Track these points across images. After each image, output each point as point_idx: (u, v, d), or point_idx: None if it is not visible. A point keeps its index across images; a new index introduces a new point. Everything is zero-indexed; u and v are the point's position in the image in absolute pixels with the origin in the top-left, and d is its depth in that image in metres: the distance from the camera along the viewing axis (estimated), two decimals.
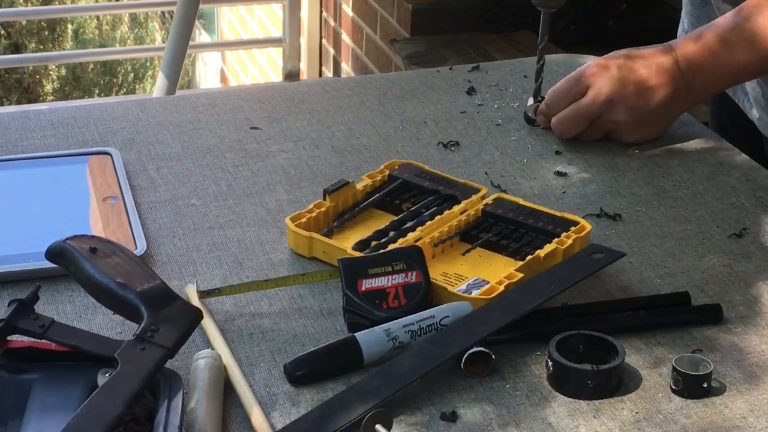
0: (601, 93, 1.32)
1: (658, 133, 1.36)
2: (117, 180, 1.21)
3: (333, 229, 1.14)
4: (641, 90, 1.32)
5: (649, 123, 1.34)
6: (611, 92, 1.32)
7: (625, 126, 1.33)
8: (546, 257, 1.08)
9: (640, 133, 1.34)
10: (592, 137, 1.36)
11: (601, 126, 1.34)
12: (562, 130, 1.35)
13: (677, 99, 1.33)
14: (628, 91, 1.32)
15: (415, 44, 3.15)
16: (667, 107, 1.33)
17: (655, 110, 1.33)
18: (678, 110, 1.36)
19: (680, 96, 1.33)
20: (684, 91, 1.32)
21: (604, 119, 1.33)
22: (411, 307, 1.01)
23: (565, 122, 1.35)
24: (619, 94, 1.32)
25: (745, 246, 1.16)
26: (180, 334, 0.89)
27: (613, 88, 1.32)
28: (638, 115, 1.33)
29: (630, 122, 1.33)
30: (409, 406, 0.93)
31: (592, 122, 1.34)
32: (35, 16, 5.60)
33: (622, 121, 1.33)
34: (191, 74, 5.94)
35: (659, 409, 0.94)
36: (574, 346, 0.97)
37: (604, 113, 1.33)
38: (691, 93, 1.33)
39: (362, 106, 1.42)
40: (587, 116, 1.33)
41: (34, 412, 0.85)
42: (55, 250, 0.97)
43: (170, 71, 3.12)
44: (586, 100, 1.33)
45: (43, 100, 5.74)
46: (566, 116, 1.35)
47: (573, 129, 1.35)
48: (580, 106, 1.33)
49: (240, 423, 0.91)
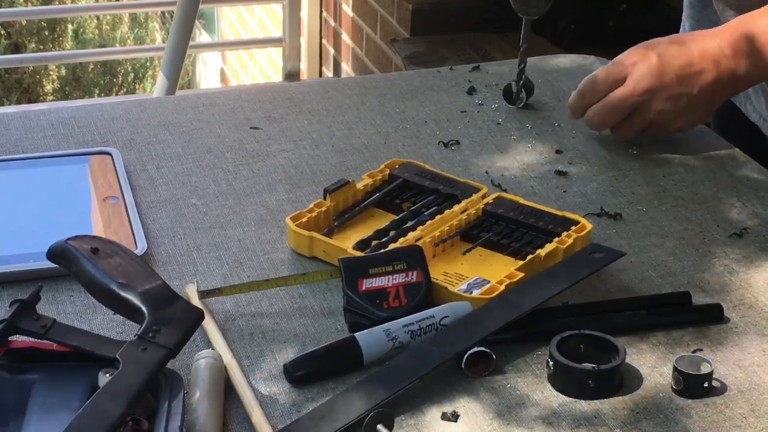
0: (641, 83, 1.28)
1: (702, 120, 1.33)
2: (117, 180, 1.21)
3: (333, 229, 1.14)
4: (682, 76, 1.28)
5: (692, 110, 1.30)
6: (651, 82, 1.28)
7: (668, 115, 1.30)
8: (546, 257, 1.08)
9: (683, 120, 1.31)
10: (632, 131, 1.32)
11: (644, 117, 1.30)
12: (597, 121, 1.32)
13: (721, 85, 1.29)
14: (668, 80, 1.28)
15: (415, 44, 3.15)
16: (711, 93, 1.29)
17: (698, 96, 1.29)
18: (721, 97, 1.31)
19: (724, 82, 1.29)
20: (728, 77, 1.28)
21: (644, 109, 1.29)
22: (412, 307, 1.01)
23: (601, 113, 1.31)
24: (660, 83, 1.28)
25: (746, 246, 1.16)
26: (181, 335, 0.89)
27: (653, 77, 1.28)
28: (681, 103, 1.29)
29: (673, 111, 1.29)
30: (410, 406, 0.93)
31: (633, 114, 1.30)
32: (35, 16, 5.60)
33: (664, 111, 1.29)
34: (191, 74, 5.94)
35: (660, 409, 0.94)
36: (574, 346, 0.97)
37: (645, 103, 1.29)
38: (736, 79, 1.29)
39: (362, 106, 1.42)
40: (626, 107, 1.29)
41: (35, 413, 0.85)
42: (56, 250, 0.97)
43: (170, 71, 3.12)
44: (625, 90, 1.29)
45: (43, 100, 5.74)
46: (603, 106, 1.30)
47: (609, 120, 1.31)
48: (617, 96, 1.29)
49: (240, 423, 0.91)
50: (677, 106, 1.29)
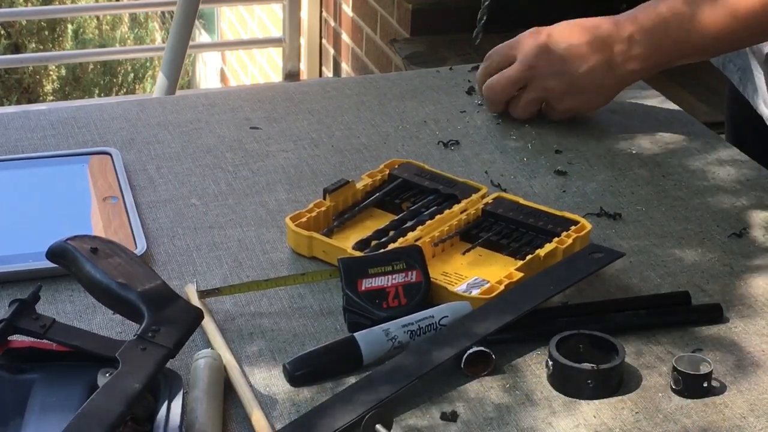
0: (526, 58, 1.31)
1: (594, 104, 1.34)
2: (117, 180, 1.21)
3: (333, 229, 1.14)
4: (568, 55, 1.30)
5: (580, 90, 1.32)
6: (536, 58, 1.31)
7: (554, 92, 1.32)
8: (546, 256, 1.08)
9: (571, 101, 1.33)
10: (524, 111, 1.35)
11: (531, 95, 1.33)
12: (489, 96, 1.36)
13: (610, 67, 1.30)
14: (554, 58, 1.30)
15: (415, 44, 3.15)
16: (599, 75, 1.30)
17: (584, 76, 1.30)
18: (611, 81, 1.31)
19: (614, 64, 1.29)
20: (619, 60, 1.29)
21: (532, 86, 1.33)
22: (411, 307, 1.01)
23: (491, 87, 1.35)
24: (545, 60, 1.31)
25: (746, 246, 1.16)
26: (181, 335, 0.89)
27: (538, 54, 1.31)
28: (565, 80, 1.31)
29: (558, 89, 1.32)
30: (409, 406, 0.93)
31: (520, 93, 1.33)
32: (35, 16, 5.60)
33: (549, 88, 1.32)
34: (191, 74, 5.94)
35: (659, 409, 0.94)
36: (574, 346, 0.97)
37: (531, 80, 1.32)
38: (627, 61, 1.29)
39: (362, 106, 1.42)
40: (512, 82, 1.33)
41: (35, 413, 0.85)
42: (56, 250, 0.97)
43: (170, 71, 3.12)
44: (515, 65, 1.33)
45: (43, 100, 5.75)
46: (492, 82, 1.35)
47: (499, 95, 1.35)
48: (505, 72, 1.33)
49: (240, 423, 0.91)
50: (562, 83, 1.32)
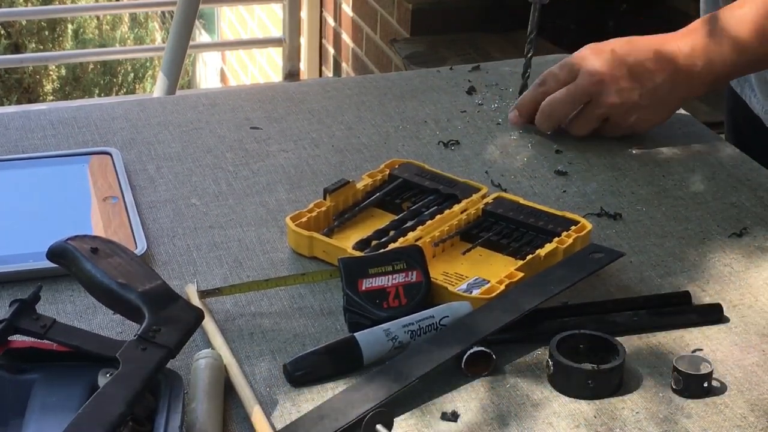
0: (593, 74, 1.29)
1: (657, 122, 1.33)
2: (117, 180, 1.21)
3: (333, 229, 1.14)
4: (636, 72, 1.29)
5: (645, 107, 1.30)
6: (603, 72, 1.29)
7: (620, 108, 1.30)
8: (546, 256, 1.08)
9: (637, 116, 1.31)
10: (585, 127, 1.33)
11: (594, 112, 1.31)
12: (551, 113, 1.32)
13: (675, 83, 1.29)
14: (620, 73, 1.29)
15: (415, 44, 3.15)
16: (665, 90, 1.30)
17: (651, 92, 1.30)
18: (677, 95, 1.31)
19: (679, 80, 1.29)
20: (684, 75, 1.29)
21: (596, 102, 1.30)
22: (411, 307, 1.01)
23: (553, 104, 1.31)
24: (611, 75, 1.29)
25: (746, 246, 1.16)
26: (181, 335, 0.89)
27: (605, 68, 1.29)
28: (633, 97, 1.29)
29: (624, 105, 1.30)
30: (410, 406, 0.93)
31: (585, 107, 1.31)
32: (35, 16, 5.61)
33: (615, 105, 1.30)
34: (191, 74, 5.94)
35: (660, 409, 0.94)
36: (574, 346, 0.97)
37: (596, 96, 1.30)
38: (691, 76, 1.29)
39: (362, 106, 1.42)
40: (579, 97, 1.30)
41: (35, 413, 0.85)
42: (56, 250, 0.97)
43: (170, 71, 3.12)
44: (579, 81, 1.30)
45: (43, 100, 5.75)
46: (556, 98, 1.31)
47: (562, 112, 1.32)
48: (570, 87, 1.30)
49: (240, 423, 0.91)
50: (629, 99, 1.30)
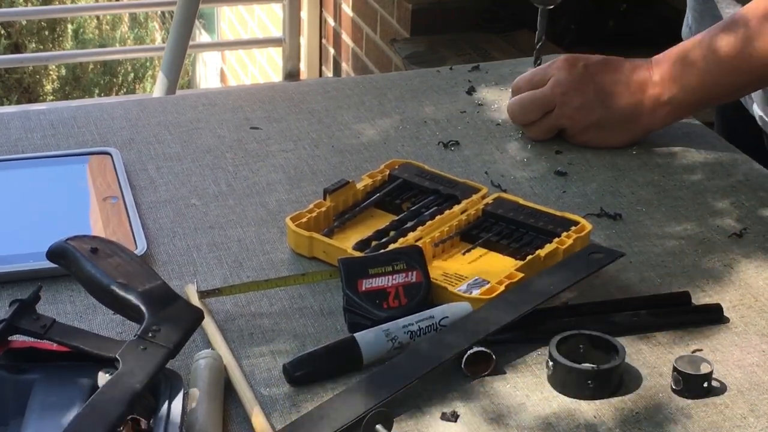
0: (560, 84, 1.31)
1: (613, 144, 1.33)
2: (117, 180, 1.21)
3: (333, 229, 1.14)
4: (601, 92, 1.30)
5: (605, 127, 1.31)
6: (569, 85, 1.30)
7: (578, 124, 1.31)
8: (546, 257, 1.08)
9: (593, 135, 1.32)
10: (542, 134, 1.34)
11: (553, 121, 1.32)
12: (513, 112, 1.34)
13: (640, 111, 1.30)
14: (587, 90, 1.30)
15: (415, 44, 3.15)
16: (625, 118, 1.31)
17: (614, 115, 1.31)
18: (640, 126, 1.32)
19: (645, 108, 1.30)
20: (650, 103, 1.30)
21: (558, 113, 1.32)
22: (411, 307, 1.01)
23: (518, 105, 1.34)
24: (578, 90, 1.30)
25: (746, 246, 1.16)
26: (181, 335, 0.89)
27: (572, 81, 1.30)
28: (593, 116, 1.31)
29: (581, 123, 1.31)
30: (410, 406, 0.93)
31: (546, 116, 1.32)
32: (35, 16, 5.61)
33: (573, 119, 1.31)
34: (191, 74, 5.94)
35: (660, 409, 0.94)
36: (574, 346, 0.97)
37: (558, 106, 1.31)
38: (658, 105, 1.30)
39: (362, 106, 1.42)
40: (540, 104, 1.32)
41: (35, 412, 0.85)
42: (56, 250, 0.97)
43: (170, 71, 3.12)
44: (545, 88, 1.32)
45: (43, 100, 5.75)
46: (521, 99, 1.33)
47: (523, 115, 1.33)
48: (536, 93, 1.32)
49: (240, 423, 0.91)
50: (587, 117, 1.31)
